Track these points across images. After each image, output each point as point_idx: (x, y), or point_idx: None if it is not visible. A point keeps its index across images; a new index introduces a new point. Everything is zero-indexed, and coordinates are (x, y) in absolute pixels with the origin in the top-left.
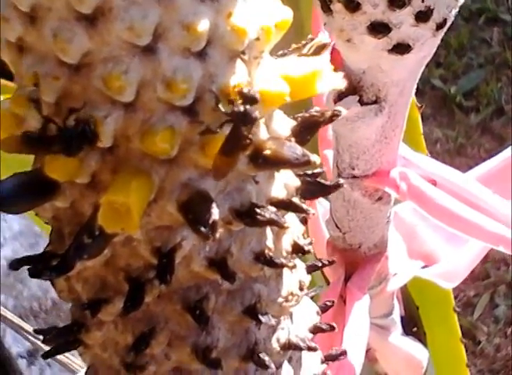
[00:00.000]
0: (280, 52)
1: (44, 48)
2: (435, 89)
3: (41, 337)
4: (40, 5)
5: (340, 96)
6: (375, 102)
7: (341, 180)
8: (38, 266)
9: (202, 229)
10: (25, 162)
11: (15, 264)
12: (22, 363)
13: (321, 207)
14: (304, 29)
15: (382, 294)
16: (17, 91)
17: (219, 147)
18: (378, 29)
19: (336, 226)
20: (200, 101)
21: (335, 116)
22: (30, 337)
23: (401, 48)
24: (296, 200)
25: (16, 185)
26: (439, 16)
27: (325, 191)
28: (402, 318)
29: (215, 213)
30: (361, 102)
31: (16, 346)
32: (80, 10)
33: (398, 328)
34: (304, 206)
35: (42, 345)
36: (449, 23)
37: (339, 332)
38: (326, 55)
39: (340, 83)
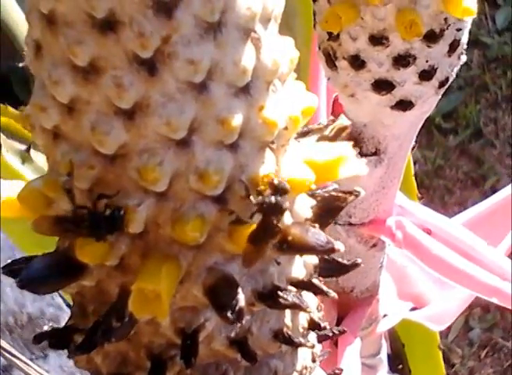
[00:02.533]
0: (302, 130)
1: (80, 138)
2: None
3: (15, 352)
4: (79, 98)
5: None
6: (374, 154)
7: (359, 260)
8: (61, 340)
9: (229, 315)
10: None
11: (38, 338)
12: None
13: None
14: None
15: (372, 335)
16: (49, 174)
17: (249, 235)
18: (382, 86)
19: None
20: (231, 191)
21: (355, 197)
22: (4, 352)
23: (404, 105)
24: (316, 281)
25: (45, 267)
26: (442, 75)
27: (342, 269)
28: (388, 355)
29: (242, 299)
30: (361, 154)
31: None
32: (119, 105)
33: (385, 367)
34: (324, 288)
35: (16, 361)
36: (450, 81)
37: None
38: (349, 142)
39: (363, 169)
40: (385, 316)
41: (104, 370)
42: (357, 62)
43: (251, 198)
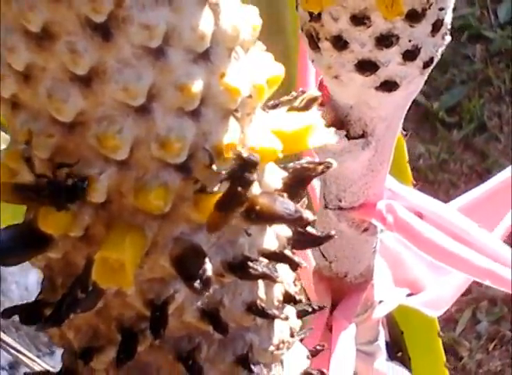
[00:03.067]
0: (271, 103)
1: (37, 106)
2: (417, 105)
3: (21, 349)
4: (34, 65)
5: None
6: (361, 136)
7: (332, 232)
8: (31, 315)
9: (196, 284)
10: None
11: (8, 312)
12: None
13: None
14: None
15: (368, 322)
16: (11, 144)
17: (214, 203)
18: (366, 67)
19: (323, 255)
20: (194, 159)
21: (326, 168)
22: (10, 349)
23: (388, 86)
24: (288, 252)
25: (10, 238)
26: (426, 55)
27: (316, 241)
28: (387, 343)
29: (209, 269)
30: (348, 136)
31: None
32: (75, 71)
33: (383, 354)
34: (296, 259)
35: (23, 358)
36: (435, 61)
37: (326, 361)
38: (317, 109)
39: (332, 138)
40: (381, 302)
41: (76, 345)
42: (339, 43)
43: (215, 166)
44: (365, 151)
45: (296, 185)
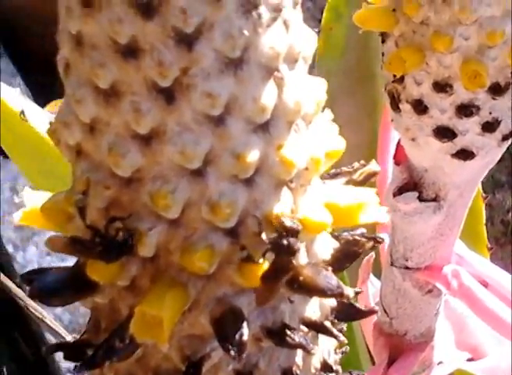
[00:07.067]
0: (332, 172)
1: (99, 158)
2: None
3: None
4: (99, 119)
5: (400, 190)
6: (434, 200)
7: (376, 307)
8: (74, 353)
9: (230, 347)
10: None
11: (52, 349)
12: None
13: (372, 287)
14: (378, 104)
15: None
16: (71, 190)
17: (262, 274)
18: (444, 134)
19: (384, 310)
20: (243, 225)
21: (377, 243)
22: None
23: (465, 154)
24: (328, 324)
25: (58, 280)
26: (506, 128)
27: (359, 315)
28: None
29: (245, 333)
30: (420, 198)
31: (65, 361)
32: (136, 129)
33: None
34: (335, 331)
35: None
36: None
37: None
38: (373, 190)
39: (383, 218)
40: (439, 363)
41: None
42: (419, 107)
43: (264, 235)
44: (436, 215)
45: (344, 259)
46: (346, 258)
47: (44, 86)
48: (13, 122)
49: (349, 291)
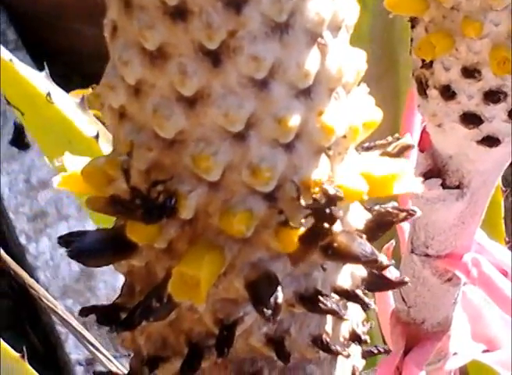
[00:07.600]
0: (366, 145)
1: (142, 120)
2: None
3: (100, 347)
4: (145, 81)
5: (425, 176)
6: (457, 187)
7: (406, 278)
8: (106, 316)
9: (265, 310)
10: None
11: (86, 311)
12: (79, 370)
13: (390, 276)
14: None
15: (440, 372)
16: (112, 152)
17: (299, 236)
18: (470, 120)
19: (402, 298)
20: (282, 190)
21: (410, 215)
22: (89, 346)
23: (490, 141)
24: (359, 292)
25: (97, 241)
26: None
27: (390, 285)
28: None
29: (280, 297)
30: (444, 185)
31: (75, 353)
32: (182, 91)
33: None
34: (366, 300)
35: (100, 356)
36: None
37: None
38: (409, 160)
39: (418, 188)
40: (455, 354)
41: (144, 351)
42: (447, 93)
43: (302, 200)
44: (459, 202)
45: (377, 229)
46: (379, 227)
47: (62, 77)
48: (40, 104)
49: (383, 258)
